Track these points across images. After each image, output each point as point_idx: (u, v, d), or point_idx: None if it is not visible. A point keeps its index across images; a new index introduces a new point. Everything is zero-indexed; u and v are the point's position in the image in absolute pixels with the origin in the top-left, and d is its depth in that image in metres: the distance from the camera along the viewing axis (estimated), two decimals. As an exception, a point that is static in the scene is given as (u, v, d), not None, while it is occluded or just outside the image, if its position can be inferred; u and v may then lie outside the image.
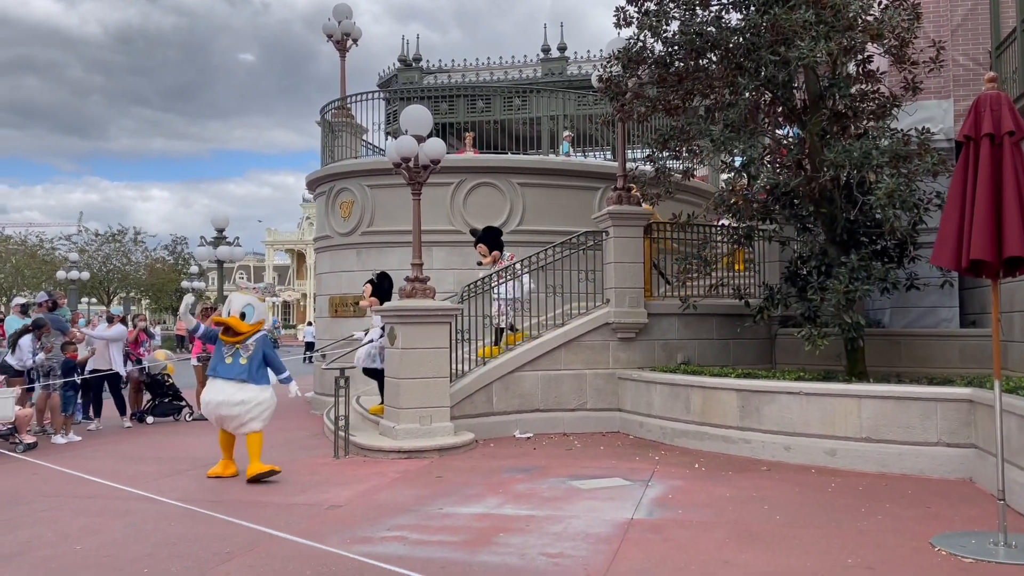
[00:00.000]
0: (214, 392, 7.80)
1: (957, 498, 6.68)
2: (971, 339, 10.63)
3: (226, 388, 7.73)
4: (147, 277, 51.14)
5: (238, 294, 8.19)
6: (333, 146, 15.00)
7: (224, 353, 7.85)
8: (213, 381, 7.84)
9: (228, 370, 7.79)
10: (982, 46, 11.12)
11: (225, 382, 7.75)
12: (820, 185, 8.83)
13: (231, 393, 7.72)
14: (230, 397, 7.71)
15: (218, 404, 7.74)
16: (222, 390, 7.74)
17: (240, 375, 7.74)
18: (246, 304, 7.92)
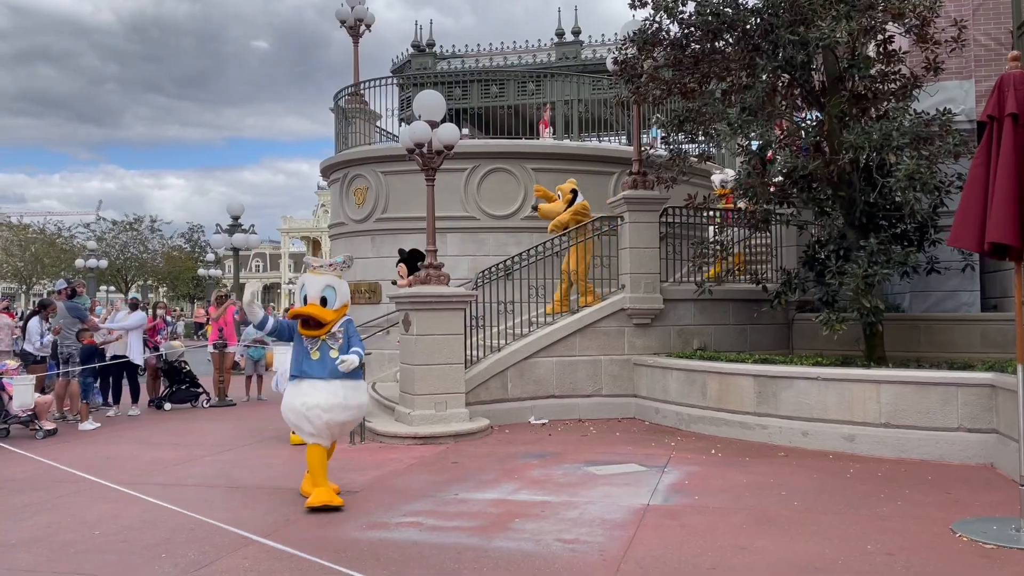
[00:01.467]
0: (314, 396, 6.29)
1: (978, 484, 6.60)
2: (993, 323, 10.48)
3: (330, 390, 6.30)
4: (164, 265, 51.53)
5: (313, 275, 6.54)
6: (347, 133, 14.98)
7: (307, 348, 6.38)
8: (301, 383, 6.38)
9: (320, 368, 6.34)
10: (1004, 25, 10.91)
11: (326, 384, 6.31)
12: (839, 168, 8.70)
13: (343, 396, 6.33)
14: (344, 400, 6.33)
15: (328, 409, 6.27)
16: (326, 394, 6.29)
17: (339, 372, 6.36)
18: (326, 286, 6.40)
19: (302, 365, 6.40)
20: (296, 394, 6.38)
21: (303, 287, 6.48)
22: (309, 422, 6.31)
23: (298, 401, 6.34)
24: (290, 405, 6.41)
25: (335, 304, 6.41)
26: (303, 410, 6.30)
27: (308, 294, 6.39)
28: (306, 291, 6.41)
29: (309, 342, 6.39)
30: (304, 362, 6.40)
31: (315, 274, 6.52)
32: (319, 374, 6.34)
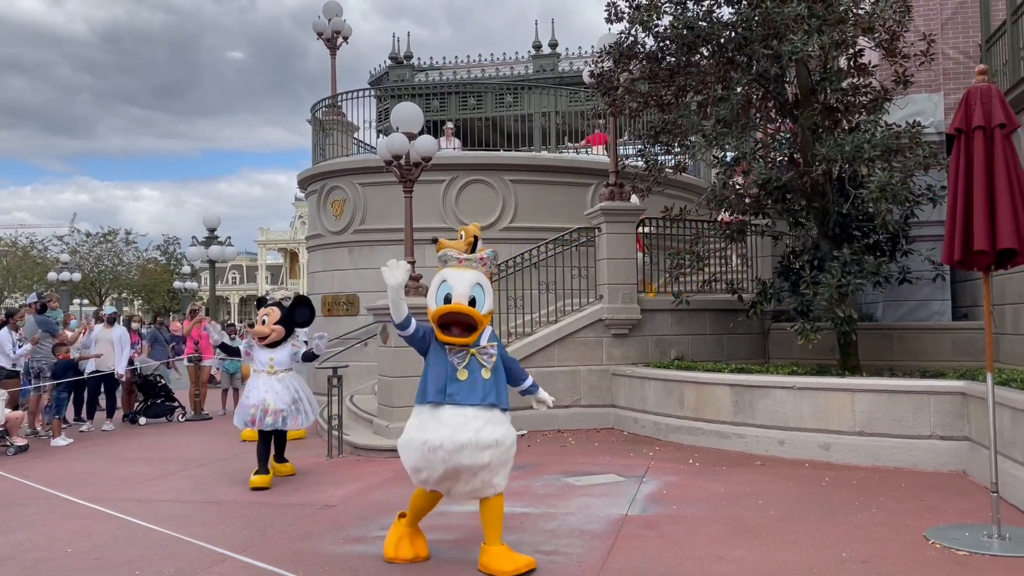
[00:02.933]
0: (450, 428, 4.75)
1: (950, 491, 6.69)
2: (963, 332, 10.66)
3: (468, 421, 4.78)
4: (139, 278, 51.01)
5: (458, 270, 5.06)
6: (324, 144, 14.96)
7: (453, 363, 4.89)
8: (440, 411, 4.82)
9: (469, 392, 4.84)
10: (972, 39, 11.13)
11: (474, 411, 4.81)
12: (812, 179, 8.83)
13: (479, 429, 4.77)
14: (479, 436, 4.75)
15: (458, 448, 4.71)
16: (463, 425, 4.76)
17: (488, 397, 4.88)
18: (475, 284, 5.00)
19: (445, 386, 4.82)
20: (423, 429, 4.82)
21: (442, 284, 5.00)
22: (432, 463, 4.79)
23: (428, 436, 4.77)
24: (411, 442, 4.86)
25: (483, 308, 4.99)
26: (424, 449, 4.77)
27: (453, 292, 4.93)
28: (449, 288, 4.94)
29: (456, 355, 4.89)
30: (451, 383, 4.83)
31: (460, 268, 5.06)
32: (469, 399, 4.82)
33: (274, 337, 7.82)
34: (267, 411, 7.59)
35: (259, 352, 7.85)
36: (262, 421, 7.59)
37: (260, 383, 7.73)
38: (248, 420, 7.67)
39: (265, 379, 7.75)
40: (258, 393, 7.68)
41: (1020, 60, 9.30)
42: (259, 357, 7.85)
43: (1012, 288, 9.48)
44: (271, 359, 7.80)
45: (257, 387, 7.73)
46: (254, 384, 7.78)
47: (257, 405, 7.62)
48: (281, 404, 7.66)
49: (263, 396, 7.64)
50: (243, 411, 7.77)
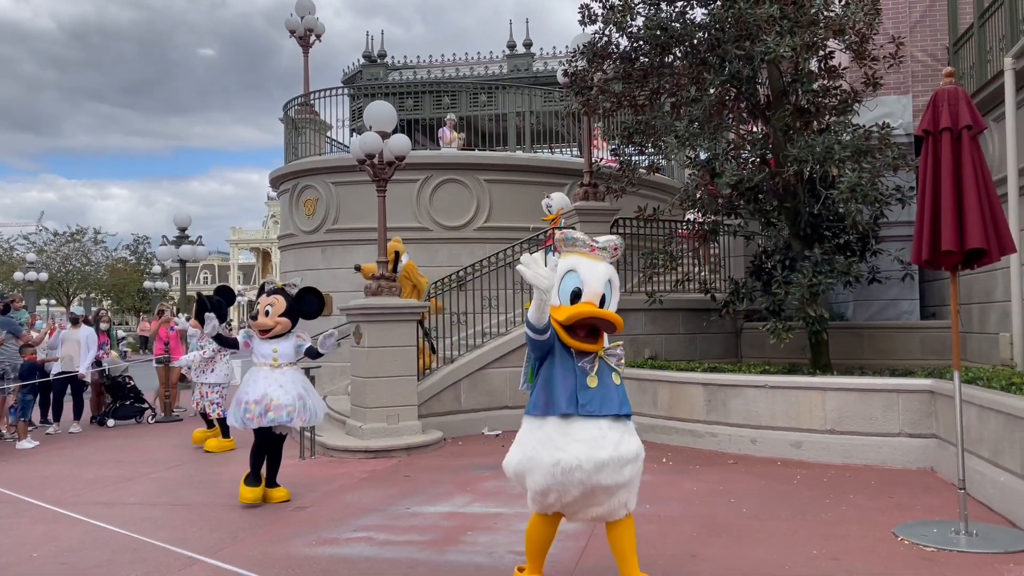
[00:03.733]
0: (585, 444, 4.07)
1: (919, 488, 6.78)
2: (931, 331, 10.81)
3: (605, 434, 4.12)
4: (108, 278, 50.28)
5: (590, 260, 4.27)
6: (297, 143, 14.84)
7: (583, 370, 4.19)
8: (571, 424, 4.11)
9: (602, 401, 4.17)
10: (940, 42, 11.29)
11: (608, 423, 4.15)
12: (784, 180, 8.90)
13: (617, 443, 4.13)
14: (619, 451, 4.11)
15: (599, 467, 4.06)
16: (600, 439, 4.10)
17: (624, 407, 4.26)
18: (607, 279, 4.27)
19: (576, 395, 4.13)
20: (555, 441, 4.10)
21: (569, 274, 4.21)
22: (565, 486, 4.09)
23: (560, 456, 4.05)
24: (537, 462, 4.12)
25: (612, 307, 4.27)
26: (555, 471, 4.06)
27: (585, 287, 4.17)
28: (579, 281, 4.18)
29: (584, 360, 4.21)
30: (580, 391, 4.14)
31: (592, 259, 4.29)
32: (603, 409, 4.15)
33: (278, 330, 6.96)
34: (269, 406, 6.72)
35: (260, 344, 7.00)
36: (263, 417, 6.74)
37: (261, 377, 6.88)
38: (247, 417, 6.78)
39: (267, 373, 6.88)
40: (258, 387, 6.80)
41: (987, 63, 9.45)
42: (260, 350, 6.99)
43: (979, 287, 9.63)
44: (275, 351, 6.92)
45: (257, 381, 6.86)
46: (253, 378, 6.91)
47: (258, 400, 6.74)
48: (286, 399, 6.75)
49: (264, 390, 6.76)
50: (239, 407, 6.82)
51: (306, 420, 7.00)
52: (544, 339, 4.18)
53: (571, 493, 4.10)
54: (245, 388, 6.89)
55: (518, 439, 4.34)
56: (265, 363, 6.95)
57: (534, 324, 4.15)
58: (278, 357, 6.94)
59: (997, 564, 4.78)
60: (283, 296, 7.04)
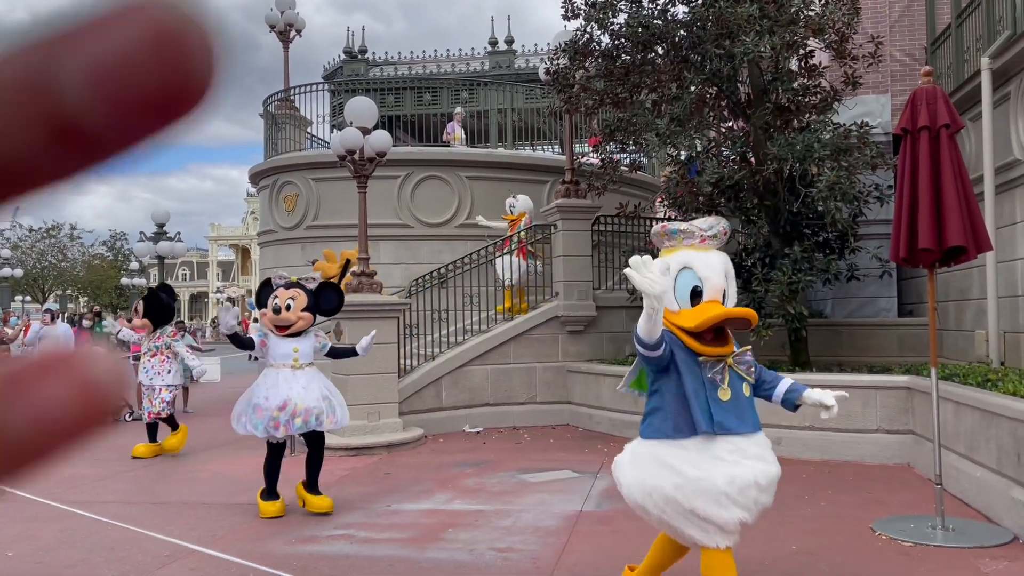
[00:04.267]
0: (746, 468, 3.60)
1: (896, 483, 6.84)
2: (909, 328, 10.92)
3: (760, 452, 3.71)
4: (85, 274, 49.71)
5: (701, 252, 3.82)
6: (276, 139, 14.73)
7: (713, 381, 3.67)
8: (712, 445, 3.61)
9: (739, 417, 3.67)
10: (918, 42, 11.40)
11: (749, 441, 3.68)
12: (764, 178, 8.94)
13: (770, 461, 3.73)
14: (770, 471, 3.70)
15: (763, 488, 3.63)
16: (756, 459, 3.66)
17: (756, 420, 3.79)
18: (725, 271, 3.82)
19: (710, 410, 3.59)
20: (703, 464, 3.57)
21: (683, 272, 3.75)
22: (740, 508, 3.55)
23: (719, 477, 3.52)
24: (701, 485, 3.53)
25: (733, 300, 3.83)
26: (731, 491, 3.51)
27: (705, 284, 3.72)
28: (697, 279, 3.73)
29: (713, 369, 3.67)
30: (714, 405, 3.60)
31: (703, 250, 3.81)
32: (740, 426, 3.63)
33: (301, 326, 6.25)
34: (295, 412, 6.07)
35: (278, 343, 6.29)
36: (290, 425, 6.10)
37: (281, 380, 6.19)
38: (270, 426, 6.09)
39: (287, 375, 6.22)
40: (280, 392, 6.13)
41: (964, 63, 9.55)
42: (278, 349, 6.29)
43: (955, 285, 9.74)
44: (295, 350, 6.26)
45: (278, 385, 6.18)
46: (271, 381, 6.21)
47: (282, 406, 6.07)
48: (310, 401, 6.16)
49: (286, 395, 6.11)
50: (260, 415, 6.09)
51: (335, 422, 6.36)
52: (658, 355, 3.60)
53: (754, 508, 3.57)
54: (261, 392, 6.17)
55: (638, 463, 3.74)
56: (284, 364, 6.26)
57: (645, 340, 3.54)
58: (299, 357, 6.28)
59: (973, 558, 4.84)
60: (303, 290, 6.35)
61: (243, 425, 6.22)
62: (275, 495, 6.34)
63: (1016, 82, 8.04)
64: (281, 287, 6.33)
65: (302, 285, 6.35)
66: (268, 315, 6.23)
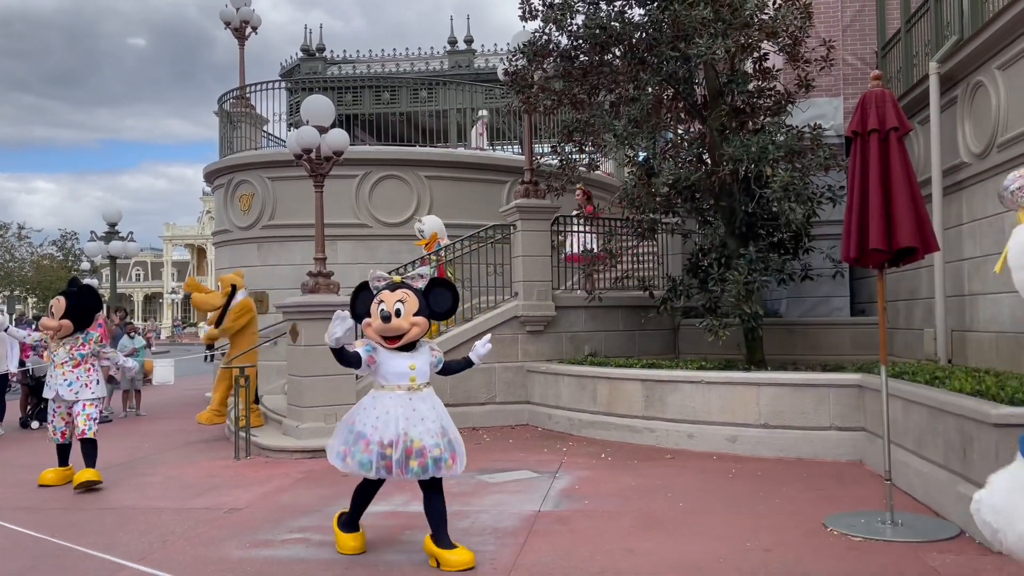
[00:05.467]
0: None
1: (848, 479, 6.97)
2: (861, 327, 11.14)
3: None
4: (34, 274, 48.46)
5: None
6: (232, 137, 14.50)
7: None
8: None
9: None
10: (869, 46, 11.64)
11: None
12: (720, 179, 9.05)
13: None
14: None
15: None
16: None
17: None
18: None
19: None
20: None
21: None
22: None
23: None
24: None
25: None
26: None
27: None
28: None
29: None
30: None
31: None
32: None
33: (415, 334, 5.03)
34: (410, 452, 4.87)
35: (389, 359, 5.02)
36: (404, 468, 4.87)
37: (393, 405, 4.94)
38: (381, 466, 4.89)
39: (401, 400, 4.96)
40: (392, 422, 4.90)
41: (913, 67, 9.77)
42: (391, 366, 5.01)
43: (905, 285, 9.95)
44: (411, 367, 5.01)
45: (388, 412, 4.93)
46: (381, 407, 4.96)
47: (394, 442, 4.87)
48: (429, 437, 4.92)
49: (402, 427, 4.88)
50: (366, 448, 4.91)
51: (457, 465, 5.11)
52: None
53: None
54: (368, 419, 4.97)
55: None
56: (399, 385, 4.99)
57: None
58: (416, 376, 5.01)
59: (920, 552, 4.94)
60: (412, 290, 5.09)
61: (344, 460, 5.00)
62: (356, 526, 5.32)
63: (963, 86, 8.25)
64: (384, 289, 5.07)
65: (408, 284, 5.13)
66: (375, 324, 4.96)
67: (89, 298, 7.90)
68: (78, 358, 7.69)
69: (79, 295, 7.75)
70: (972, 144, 8.06)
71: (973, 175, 8.06)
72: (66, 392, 7.61)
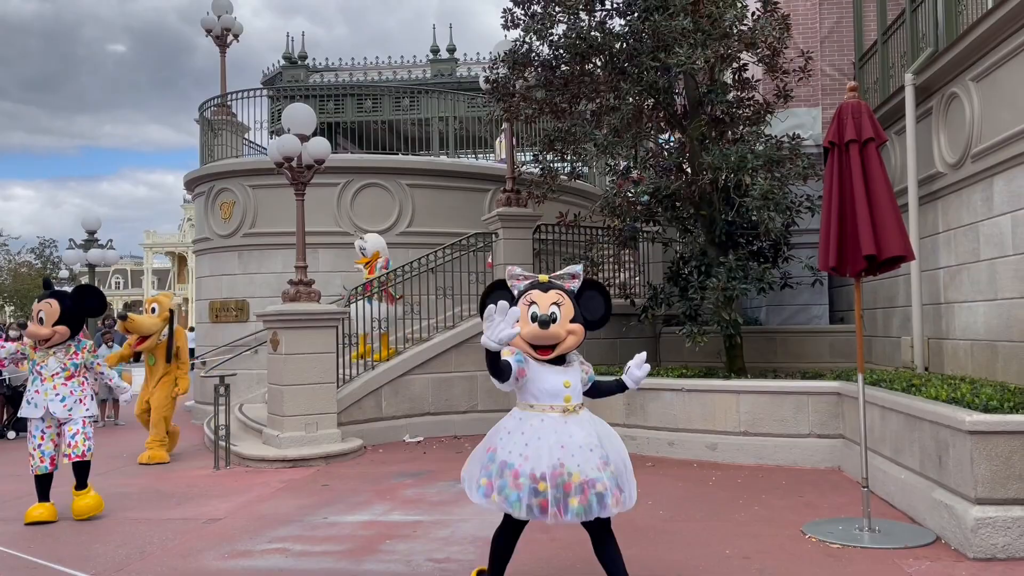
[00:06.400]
0: None
1: (827, 486, 7.02)
2: (840, 334, 11.24)
3: None
4: (11, 282, 47.95)
5: None
6: (213, 145, 14.43)
7: None
8: None
9: None
10: (847, 57, 11.77)
11: None
12: (700, 188, 9.11)
13: None
14: None
15: None
16: None
17: None
18: None
19: None
20: None
21: None
22: None
23: None
24: None
25: None
26: None
27: None
28: None
29: None
30: None
31: None
32: None
33: (570, 345, 4.16)
34: (569, 488, 3.93)
35: (543, 373, 4.12)
36: (563, 507, 3.93)
37: (546, 430, 4.04)
38: (535, 505, 3.94)
39: (556, 424, 4.06)
40: (545, 450, 3.98)
41: (889, 78, 9.89)
42: (543, 383, 4.12)
43: (883, 293, 10.05)
44: (566, 384, 4.12)
45: (540, 437, 4.03)
46: (531, 431, 4.07)
47: (552, 474, 3.93)
48: (590, 468, 3.99)
49: (557, 457, 3.96)
50: (515, 484, 3.98)
51: (622, 502, 4.14)
52: None
53: None
54: (516, 447, 4.06)
55: None
56: (551, 406, 4.10)
57: None
58: (571, 395, 4.13)
59: (897, 559, 4.99)
60: (565, 292, 4.22)
61: (486, 494, 4.11)
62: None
63: (938, 97, 8.36)
64: (536, 290, 4.18)
65: (559, 285, 4.25)
66: (527, 330, 4.09)
67: (92, 300, 6.93)
68: (71, 369, 6.70)
69: (77, 296, 6.80)
70: (947, 154, 8.17)
71: (948, 185, 8.17)
72: (58, 409, 6.59)
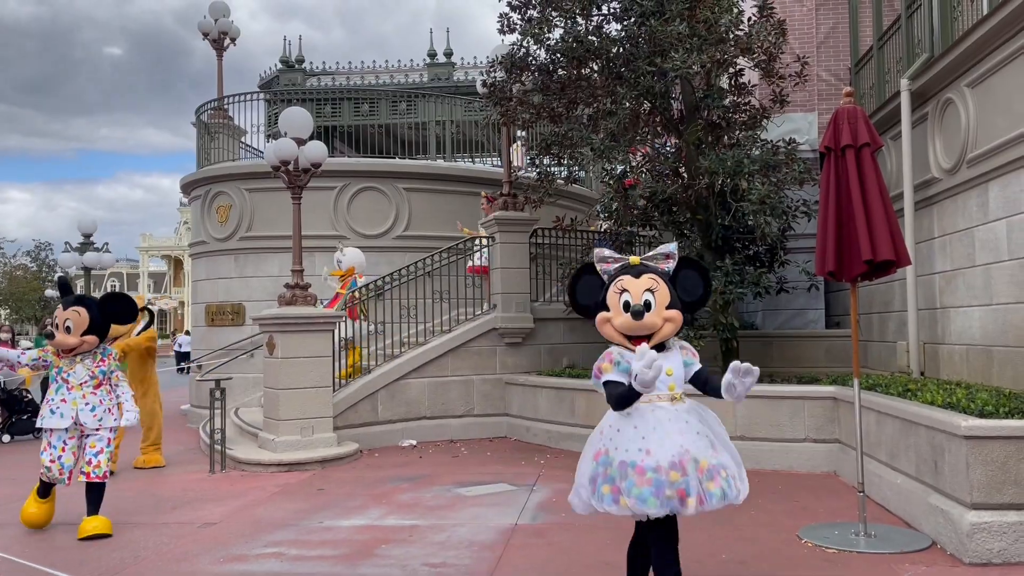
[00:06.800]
0: None
1: (823, 491, 7.02)
2: (836, 339, 11.24)
3: None
4: (6, 286, 47.87)
5: None
6: (209, 148, 14.42)
7: None
8: None
9: None
10: (843, 63, 11.81)
11: None
12: (696, 192, 9.12)
13: None
14: None
15: None
16: None
17: None
18: None
19: None
20: None
21: None
22: None
23: None
24: None
25: None
26: None
27: None
28: None
29: None
30: None
31: None
32: None
33: (668, 332, 3.91)
34: (702, 471, 3.77)
35: None
36: (705, 496, 3.79)
37: (662, 421, 3.79)
38: (668, 496, 3.72)
39: (669, 413, 3.82)
40: (666, 438, 3.74)
41: (885, 83, 9.92)
42: None
43: (879, 298, 10.07)
44: (668, 372, 3.85)
45: (656, 428, 3.77)
46: (645, 424, 3.80)
47: (677, 463, 3.71)
48: (712, 455, 3.84)
49: (678, 444, 3.73)
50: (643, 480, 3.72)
51: (740, 491, 3.94)
52: None
53: None
54: (632, 442, 3.79)
55: None
56: (657, 396, 3.83)
57: None
58: (675, 384, 3.89)
59: (893, 564, 4.99)
60: (660, 276, 3.96)
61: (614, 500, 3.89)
62: None
63: (933, 103, 8.38)
64: (628, 275, 3.92)
65: (652, 267, 3.97)
66: (619, 320, 3.89)
67: (122, 307, 6.52)
68: (99, 376, 6.35)
69: (108, 303, 6.43)
70: (943, 160, 8.19)
71: (944, 190, 8.19)
72: (88, 419, 6.24)
